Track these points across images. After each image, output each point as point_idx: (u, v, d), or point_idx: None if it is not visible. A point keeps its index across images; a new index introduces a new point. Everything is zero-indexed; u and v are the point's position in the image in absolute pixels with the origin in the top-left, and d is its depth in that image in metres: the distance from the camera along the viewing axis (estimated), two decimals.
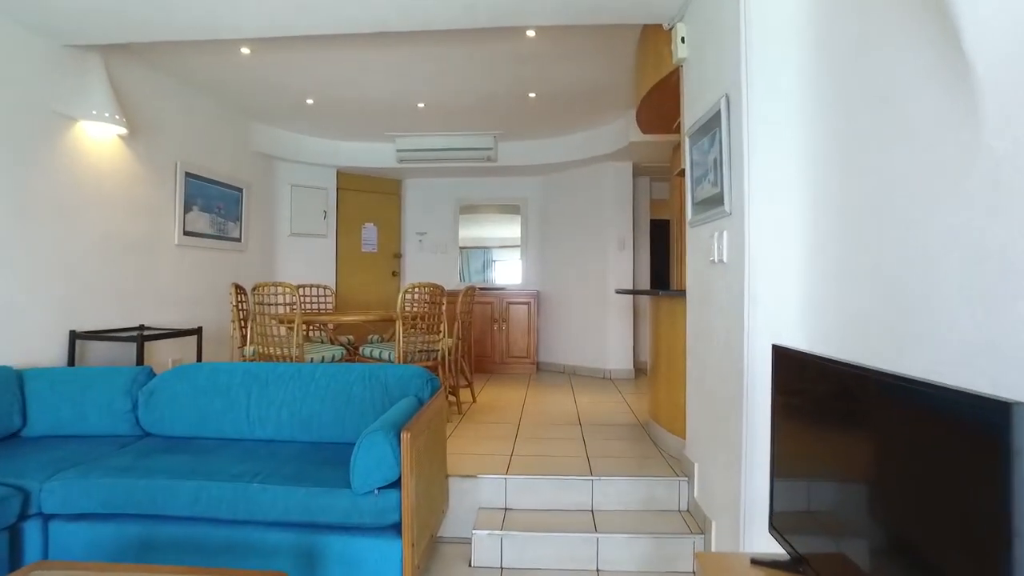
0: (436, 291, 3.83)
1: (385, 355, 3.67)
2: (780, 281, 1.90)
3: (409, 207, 6.62)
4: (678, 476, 2.64)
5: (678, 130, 3.75)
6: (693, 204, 2.56)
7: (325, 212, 5.94)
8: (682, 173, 2.98)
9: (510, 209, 6.47)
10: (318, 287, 4.91)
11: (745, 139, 1.94)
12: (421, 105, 4.70)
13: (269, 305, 3.49)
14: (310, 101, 4.62)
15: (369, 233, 6.32)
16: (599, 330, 5.76)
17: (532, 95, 4.44)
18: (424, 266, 6.56)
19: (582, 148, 5.52)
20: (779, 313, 1.90)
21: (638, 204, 6.17)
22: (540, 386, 5.19)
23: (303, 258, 5.78)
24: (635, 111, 3.91)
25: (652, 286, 6.52)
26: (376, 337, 4.55)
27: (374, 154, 5.87)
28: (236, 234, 4.91)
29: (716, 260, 2.23)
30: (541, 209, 6.37)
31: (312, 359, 3.52)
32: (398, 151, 5.64)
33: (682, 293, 2.78)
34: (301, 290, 4.78)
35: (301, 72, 4.01)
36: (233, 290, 3.86)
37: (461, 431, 3.50)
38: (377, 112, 4.89)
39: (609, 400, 4.52)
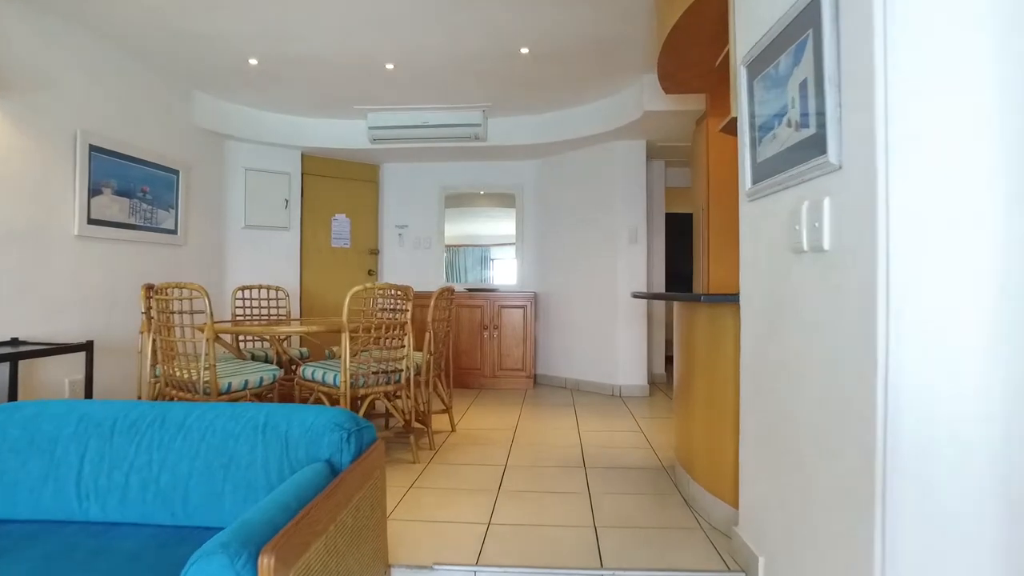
0: (400, 293, 2.99)
1: (330, 378, 2.83)
2: (952, 285, 1.05)
3: (387, 196, 5.75)
4: (730, 571, 1.78)
5: (716, 76, 2.87)
6: (754, 165, 1.70)
7: (287, 201, 5.09)
8: (732, 126, 2.12)
9: (502, 199, 5.60)
10: (268, 288, 4.06)
11: (879, 26, 1.08)
12: (390, 66, 3.85)
13: (174, 313, 2.65)
14: (253, 61, 3.77)
15: (340, 226, 5.47)
16: (607, 338, 4.88)
17: (525, 51, 3.58)
18: (405, 264, 5.71)
19: (587, 123, 4.65)
20: (949, 343, 1.04)
21: (652, 193, 5.30)
22: (537, 406, 4.33)
23: (260, 254, 4.94)
24: (655, 62, 3.05)
25: (667, 288, 5.64)
26: (331, 351, 3.70)
27: (344, 133, 5.02)
28: (170, 224, 4.08)
29: (806, 247, 1.37)
30: (538, 198, 5.50)
31: (230, 384, 2.68)
32: (370, 128, 4.79)
33: (733, 298, 1.92)
34: (244, 292, 3.94)
35: (233, 19, 3.17)
36: (143, 293, 3.01)
37: (427, 478, 2.65)
38: (339, 77, 4.04)
39: (621, 427, 3.66)
